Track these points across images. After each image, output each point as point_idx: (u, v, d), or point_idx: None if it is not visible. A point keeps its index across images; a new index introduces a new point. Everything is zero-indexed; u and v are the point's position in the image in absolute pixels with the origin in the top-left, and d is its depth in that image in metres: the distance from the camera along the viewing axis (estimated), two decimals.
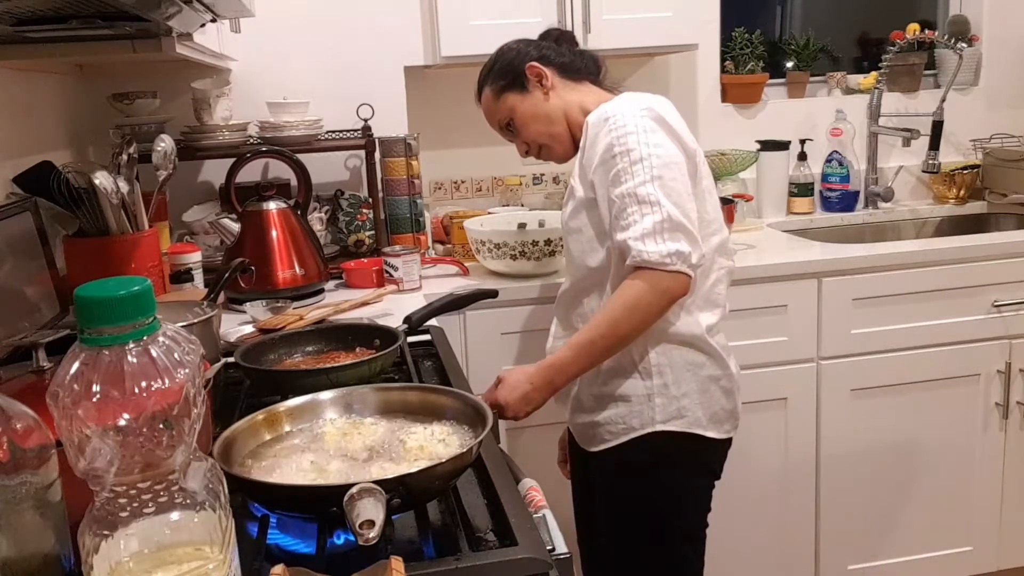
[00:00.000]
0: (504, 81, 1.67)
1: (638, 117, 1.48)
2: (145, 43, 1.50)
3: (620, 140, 1.46)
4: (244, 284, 1.84)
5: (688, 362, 1.55)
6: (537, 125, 1.66)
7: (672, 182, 1.44)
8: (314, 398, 1.12)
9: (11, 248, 1.52)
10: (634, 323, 1.44)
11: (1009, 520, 2.43)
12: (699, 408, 1.55)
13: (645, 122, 1.48)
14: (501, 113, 1.69)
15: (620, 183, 1.45)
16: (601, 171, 1.49)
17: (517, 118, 1.67)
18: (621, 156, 1.45)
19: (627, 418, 1.55)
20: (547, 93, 1.64)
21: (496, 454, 1.11)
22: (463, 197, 2.76)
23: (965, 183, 2.87)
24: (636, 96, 1.56)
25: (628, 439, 1.55)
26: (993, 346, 2.33)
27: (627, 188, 1.44)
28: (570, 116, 1.64)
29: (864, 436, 2.31)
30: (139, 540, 0.61)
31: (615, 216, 1.46)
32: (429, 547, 0.91)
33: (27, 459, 0.64)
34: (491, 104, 1.70)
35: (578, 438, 1.67)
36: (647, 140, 1.45)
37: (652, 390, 1.54)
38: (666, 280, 1.41)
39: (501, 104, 1.68)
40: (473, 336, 2.11)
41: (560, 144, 1.67)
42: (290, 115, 2.25)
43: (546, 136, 1.66)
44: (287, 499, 0.92)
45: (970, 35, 2.96)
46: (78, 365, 0.59)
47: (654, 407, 1.54)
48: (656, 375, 1.54)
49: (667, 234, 1.40)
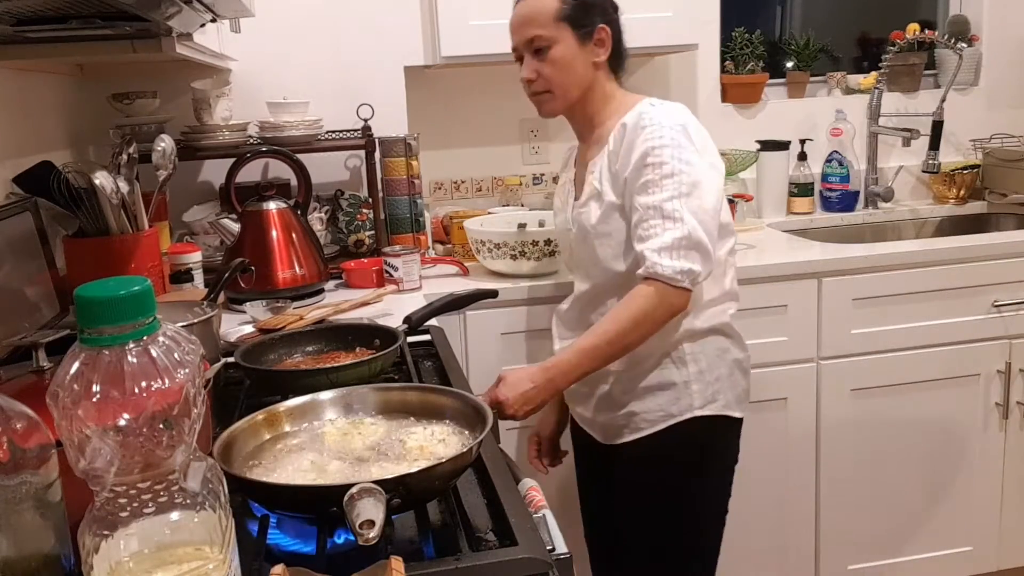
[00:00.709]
0: (573, 13, 1.57)
1: (675, 131, 1.50)
2: (145, 43, 1.50)
3: (655, 151, 1.49)
4: (244, 284, 1.84)
5: (717, 348, 1.62)
6: (564, 74, 1.59)
7: (698, 200, 1.48)
8: (314, 398, 1.12)
9: (11, 248, 1.52)
10: (640, 333, 1.48)
11: (1009, 520, 2.43)
12: (729, 391, 1.63)
13: (680, 138, 1.50)
14: (545, 30, 1.57)
15: (647, 193, 1.48)
16: (632, 178, 1.51)
17: (555, 52, 1.58)
18: (653, 167, 1.48)
19: (666, 406, 1.60)
20: (594, 61, 1.61)
21: (496, 454, 1.11)
22: (463, 197, 2.76)
23: (965, 183, 2.87)
24: (667, 106, 1.57)
25: (666, 426, 1.60)
26: (993, 346, 2.33)
27: (653, 200, 1.47)
28: (590, 94, 1.62)
29: (864, 436, 2.31)
30: (139, 540, 0.61)
31: (636, 224, 1.50)
32: (429, 547, 0.91)
33: (27, 459, 0.64)
34: (541, 12, 1.58)
35: (601, 434, 1.69)
36: (680, 156, 1.48)
37: (689, 377, 1.59)
38: (675, 296, 1.47)
39: (553, 26, 1.57)
40: (473, 336, 2.11)
41: (561, 104, 1.63)
42: (290, 115, 2.25)
43: (561, 88, 1.61)
44: (287, 499, 0.92)
45: (970, 35, 2.96)
46: (78, 365, 0.59)
47: (692, 393, 1.59)
48: (691, 363, 1.59)
49: (683, 251, 1.45)
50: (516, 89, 2.82)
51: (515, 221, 2.24)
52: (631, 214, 1.52)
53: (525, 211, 2.47)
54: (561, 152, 2.73)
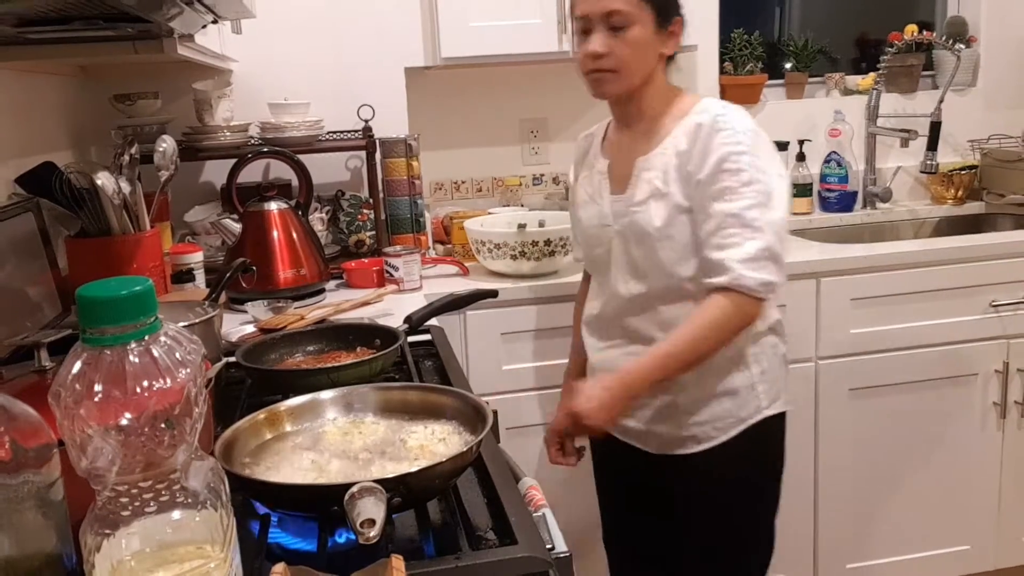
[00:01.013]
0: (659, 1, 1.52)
1: (750, 137, 1.47)
2: (147, 44, 1.50)
3: (732, 157, 1.45)
4: (245, 284, 1.84)
5: (771, 345, 1.61)
6: (636, 57, 1.51)
7: (773, 211, 1.45)
8: (315, 397, 1.13)
9: (13, 248, 1.52)
10: (717, 342, 1.47)
11: (1006, 519, 2.44)
12: (782, 386, 1.62)
13: (755, 145, 1.47)
14: (629, 6, 1.49)
15: (724, 200, 1.44)
16: (707, 182, 1.46)
17: (632, 32, 1.49)
18: (731, 174, 1.44)
19: (735, 411, 1.57)
20: (662, 52, 1.55)
21: (496, 453, 1.11)
22: (463, 197, 2.76)
23: (963, 183, 2.87)
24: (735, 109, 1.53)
25: (738, 432, 1.57)
26: (991, 346, 2.33)
27: (732, 208, 1.43)
28: (649, 83, 1.56)
29: (862, 435, 2.31)
30: (141, 539, 0.61)
31: (712, 231, 1.45)
32: (429, 546, 0.91)
33: (29, 458, 0.65)
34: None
35: (656, 445, 1.63)
36: (756, 164, 1.45)
37: (754, 379, 1.57)
38: (752, 307, 1.44)
39: (637, 5, 1.49)
40: (473, 336, 2.12)
41: (622, 88, 1.54)
42: (291, 116, 2.26)
43: (628, 71, 1.52)
44: (288, 498, 0.93)
45: (968, 36, 2.96)
46: (80, 365, 0.60)
47: (759, 395, 1.57)
48: (754, 364, 1.57)
49: (764, 263, 1.42)
50: (516, 89, 2.83)
51: (515, 221, 2.24)
52: (700, 219, 1.47)
53: (525, 211, 2.48)
54: (562, 152, 2.76)
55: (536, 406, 2.17)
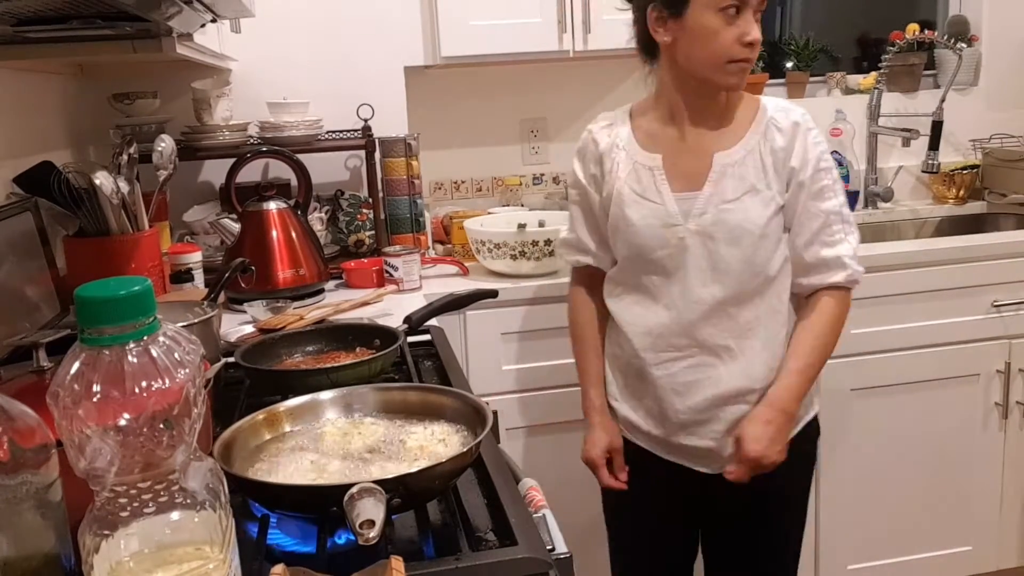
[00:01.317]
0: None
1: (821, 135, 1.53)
2: (145, 43, 1.50)
3: (824, 156, 1.50)
4: (244, 284, 1.84)
5: None
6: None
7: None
8: (314, 398, 1.13)
9: (12, 248, 1.52)
10: (836, 342, 1.50)
11: (1008, 520, 2.43)
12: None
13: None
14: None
15: (825, 199, 1.48)
16: (809, 181, 1.48)
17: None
18: (826, 172, 1.49)
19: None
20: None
21: (496, 454, 1.11)
22: (463, 197, 2.76)
23: (964, 183, 2.87)
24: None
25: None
26: (992, 346, 2.33)
27: (833, 206, 1.49)
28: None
29: (864, 436, 2.31)
30: (139, 540, 0.61)
31: (818, 231, 1.48)
32: (429, 547, 0.91)
33: (27, 459, 0.64)
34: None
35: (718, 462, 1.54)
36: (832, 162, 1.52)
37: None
38: (849, 299, 1.51)
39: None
40: (473, 336, 2.11)
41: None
42: (290, 115, 2.25)
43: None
44: (287, 499, 0.93)
45: (969, 35, 2.96)
46: (78, 365, 0.59)
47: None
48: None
49: (858, 256, 1.49)
50: (516, 89, 2.82)
51: (515, 221, 2.24)
52: (801, 218, 1.49)
53: (525, 211, 2.48)
54: (562, 152, 2.75)
55: (536, 406, 2.17)
